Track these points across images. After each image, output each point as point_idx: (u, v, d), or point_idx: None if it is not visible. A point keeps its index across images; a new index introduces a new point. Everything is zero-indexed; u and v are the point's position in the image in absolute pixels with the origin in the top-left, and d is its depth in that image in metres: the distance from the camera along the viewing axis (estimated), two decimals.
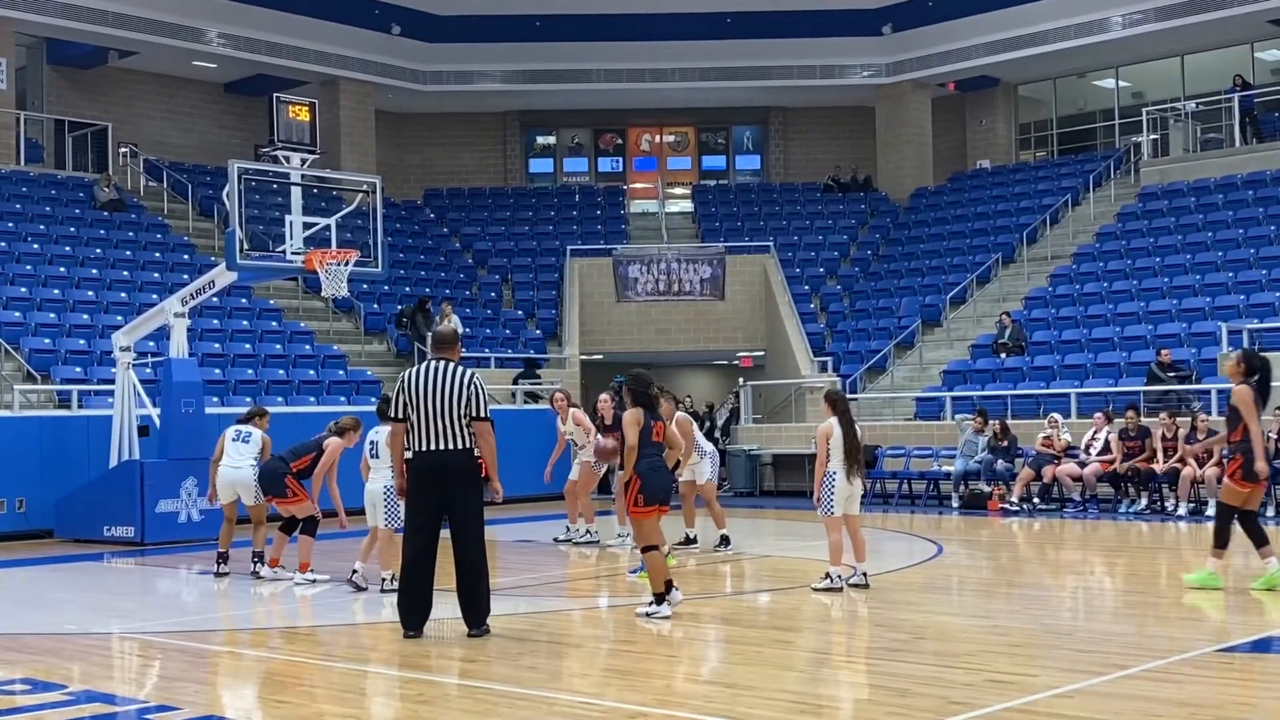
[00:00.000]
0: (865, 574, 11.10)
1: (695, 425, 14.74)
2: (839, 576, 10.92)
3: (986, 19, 31.16)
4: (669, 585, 9.86)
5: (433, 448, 9.00)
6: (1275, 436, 17.16)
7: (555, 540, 15.52)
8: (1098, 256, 26.78)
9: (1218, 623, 9.99)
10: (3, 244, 23.24)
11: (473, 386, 9.06)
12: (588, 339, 28.15)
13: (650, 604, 9.68)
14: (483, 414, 9.07)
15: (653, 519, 9.74)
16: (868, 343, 27.01)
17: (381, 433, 11.11)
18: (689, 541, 14.38)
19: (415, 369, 9.21)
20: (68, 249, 24.08)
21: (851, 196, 33.53)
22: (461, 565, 9.07)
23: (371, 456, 11.28)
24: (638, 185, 35.38)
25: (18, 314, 21.13)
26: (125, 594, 13.07)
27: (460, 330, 23.43)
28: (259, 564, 12.51)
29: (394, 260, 26.23)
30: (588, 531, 15.33)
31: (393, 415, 9.25)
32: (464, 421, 8.99)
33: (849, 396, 24.74)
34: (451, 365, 9.15)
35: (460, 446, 9.02)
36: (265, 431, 12.81)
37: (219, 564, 12.71)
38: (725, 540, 14.25)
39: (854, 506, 11.10)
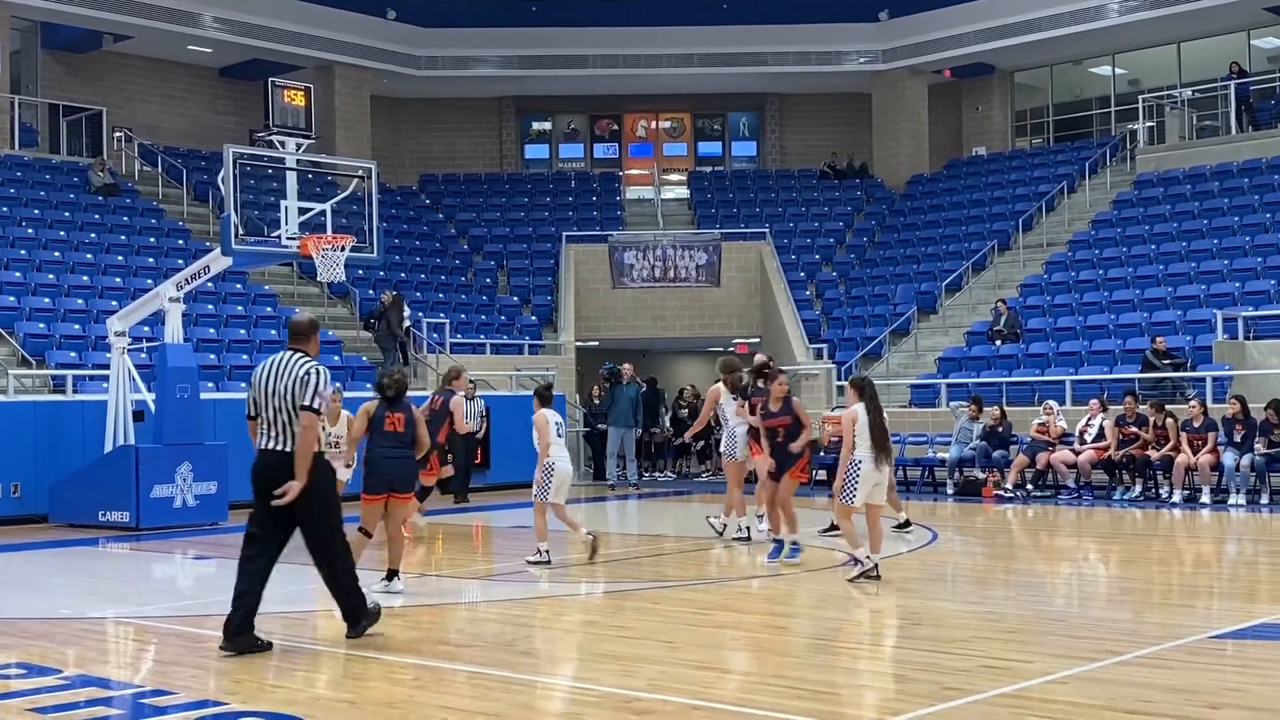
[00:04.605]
0: (877, 564, 10.85)
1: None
2: (868, 557, 10.62)
3: (982, 6, 31.12)
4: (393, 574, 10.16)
5: (267, 447, 8.19)
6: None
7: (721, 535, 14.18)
8: (1093, 244, 26.80)
9: (1210, 609, 10.02)
10: None
11: (307, 375, 8.15)
12: (583, 325, 28.14)
13: None
14: (308, 403, 8.08)
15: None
16: (863, 330, 27.02)
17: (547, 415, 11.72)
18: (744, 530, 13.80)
19: (265, 361, 8.46)
20: (62, 234, 24.03)
21: (847, 183, 33.52)
22: (319, 569, 8.38)
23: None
24: (633, 171, 35.35)
25: (12, 298, 21.10)
26: (120, 579, 13.07)
27: (407, 322, 23.25)
28: None
29: (389, 246, 26.18)
30: (738, 526, 13.88)
31: (247, 413, 8.35)
32: (297, 415, 8.09)
33: (842, 384, 24.85)
34: (295, 357, 8.28)
35: (288, 448, 8.10)
36: None
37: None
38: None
39: (879, 495, 10.85)
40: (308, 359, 8.28)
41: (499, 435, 21.44)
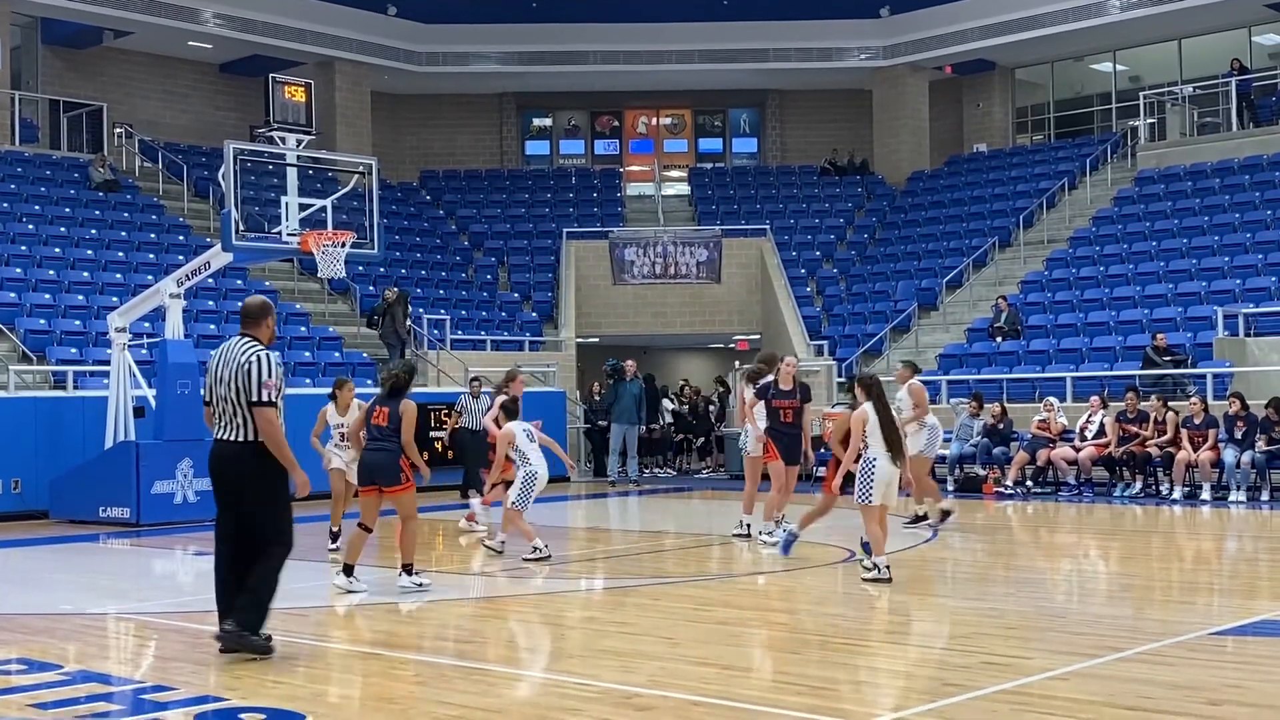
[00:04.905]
0: (890, 567, 10.46)
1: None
2: (886, 567, 10.38)
3: (984, 2, 31.13)
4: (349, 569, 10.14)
5: (219, 437, 7.91)
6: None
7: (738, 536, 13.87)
8: (1094, 240, 26.79)
9: (1210, 606, 10.02)
10: None
11: (249, 365, 7.73)
12: (584, 322, 28.14)
13: None
14: (257, 399, 7.70)
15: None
16: (864, 326, 27.02)
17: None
18: (921, 519, 14.18)
19: (218, 347, 8.13)
20: (63, 230, 24.03)
21: (848, 180, 33.51)
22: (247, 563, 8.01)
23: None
24: (634, 168, 35.35)
25: (13, 294, 21.09)
26: (121, 575, 13.06)
27: (409, 322, 23.15)
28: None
29: (390, 242, 26.19)
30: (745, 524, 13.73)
31: (203, 399, 8.12)
32: (243, 408, 7.74)
33: (843, 380, 24.84)
34: (242, 343, 7.88)
35: (236, 438, 7.79)
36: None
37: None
38: (921, 518, 14.25)
39: (891, 496, 10.59)
40: (254, 345, 7.85)
41: None
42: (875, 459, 10.40)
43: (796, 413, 12.98)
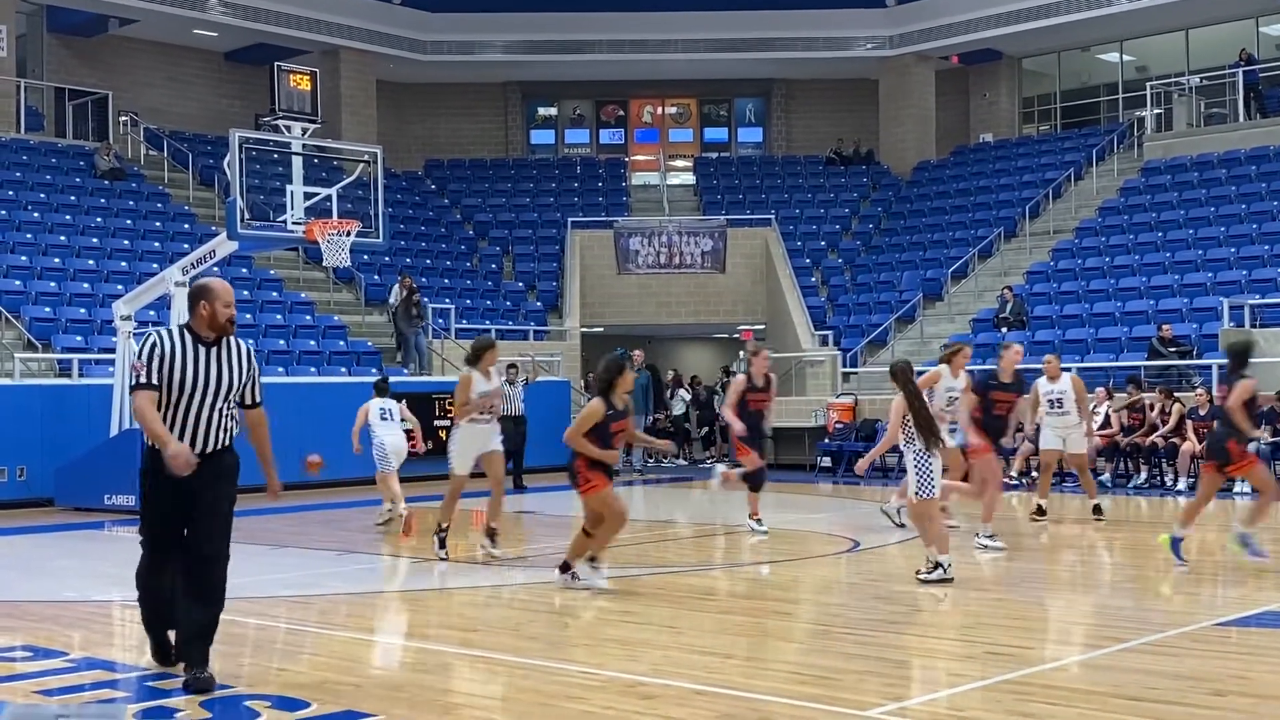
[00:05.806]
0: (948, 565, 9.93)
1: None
2: (950, 565, 9.86)
3: None
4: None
5: None
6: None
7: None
8: (1100, 231, 26.75)
9: (1215, 597, 10.02)
10: (3, 212, 23.23)
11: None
12: (588, 311, 28.13)
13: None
14: (133, 381, 7.10)
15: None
16: (868, 316, 27.00)
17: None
18: (1042, 513, 14.25)
19: None
20: (68, 218, 24.05)
21: (854, 169, 33.46)
22: None
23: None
24: (639, 157, 35.31)
25: (18, 282, 21.12)
26: (126, 562, 12.98)
27: (420, 308, 23.14)
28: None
29: (395, 231, 26.18)
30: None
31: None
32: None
33: (850, 371, 24.85)
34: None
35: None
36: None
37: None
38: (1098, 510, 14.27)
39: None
40: (149, 331, 7.33)
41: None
42: (927, 452, 9.96)
43: (1012, 406, 12.65)
